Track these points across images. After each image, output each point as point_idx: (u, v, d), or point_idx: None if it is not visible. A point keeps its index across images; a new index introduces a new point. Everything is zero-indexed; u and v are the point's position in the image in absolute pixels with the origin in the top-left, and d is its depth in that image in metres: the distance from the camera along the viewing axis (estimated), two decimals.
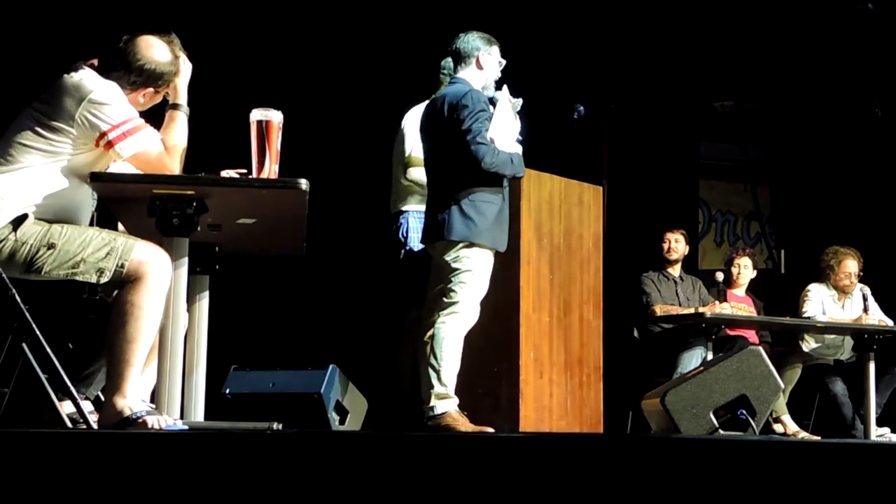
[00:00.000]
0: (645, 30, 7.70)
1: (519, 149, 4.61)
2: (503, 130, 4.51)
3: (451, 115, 4.49)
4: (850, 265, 6.81)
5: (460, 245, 4.45)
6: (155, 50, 3.36)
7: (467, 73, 4.64)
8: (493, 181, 4.49)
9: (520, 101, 4.57)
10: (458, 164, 4.46)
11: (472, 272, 4.44)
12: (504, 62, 4.70)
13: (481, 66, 4.64)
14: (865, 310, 6.60)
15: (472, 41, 4.65)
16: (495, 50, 4.69)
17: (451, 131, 4.48)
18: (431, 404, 4.36)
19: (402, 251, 5.11)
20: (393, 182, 5.24)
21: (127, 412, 3.06)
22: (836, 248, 6.89)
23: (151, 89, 3.39)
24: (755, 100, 8.78)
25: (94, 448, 2.37)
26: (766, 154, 9.23)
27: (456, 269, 4.45)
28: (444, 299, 4.44)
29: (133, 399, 3.11)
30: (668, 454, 2.50)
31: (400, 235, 5.12)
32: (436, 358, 4.37)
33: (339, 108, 6.97)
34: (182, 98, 3.41)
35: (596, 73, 7.53)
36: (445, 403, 4.36)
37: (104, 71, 3.30)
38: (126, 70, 3.33)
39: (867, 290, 6.72)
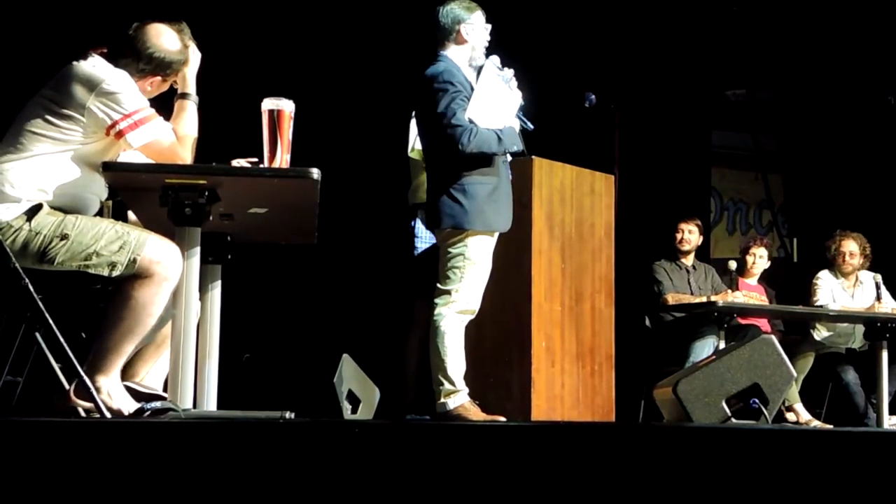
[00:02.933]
0: (657, 18, 7.67)
1: (516, 122, 4.43)
2: (490, 105, 4.31)
3: (429, 98, 4.33)
4: (848, 245, 6.79)
5: (452, 232, 4.37)
6: (164, 38, 3.35)
7: (450, 50, 4.44)
8: (482, 161, 4.33)
9: (510, 72, 4.42)
10: (443, 147, 4.35)
11: (466, 258, 4.34)
12: (490, 26, 4.48)
13: (464, 39, 4.43)
14: (878, 298, 6.57)
15: (451, 13, 4.42)
16: (477, 16, 4.45)
17: (432, 115, 4.34)
18: (442, 401, 4.34)
19: (416, 246, 5.10)
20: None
21: (105, 395, 3.14)
22: (837, 233, 6.88)
23: (159, 78, 3.39)
24: (767, 88, 8.75)
25: (106, 437, 2.37)
26: (778, 143, 9.20)
27: (449, 256, 4.37)
28: (440, 286, 4.38)
29: (114, 384, 3.18)
30: (680, 443, 2.50)
31: (416, 231, 5.11)
32: (439, 355, 4.33)
33: (350, 98, 6.95)
34: (191, 87, 3.40)
35: (607, 62, 7.50)
36: (456, 398, 4.34)
37: (112, 58, 3.30)
38: (135, 57, 3.32)
39: (879, 278, 6.69)
